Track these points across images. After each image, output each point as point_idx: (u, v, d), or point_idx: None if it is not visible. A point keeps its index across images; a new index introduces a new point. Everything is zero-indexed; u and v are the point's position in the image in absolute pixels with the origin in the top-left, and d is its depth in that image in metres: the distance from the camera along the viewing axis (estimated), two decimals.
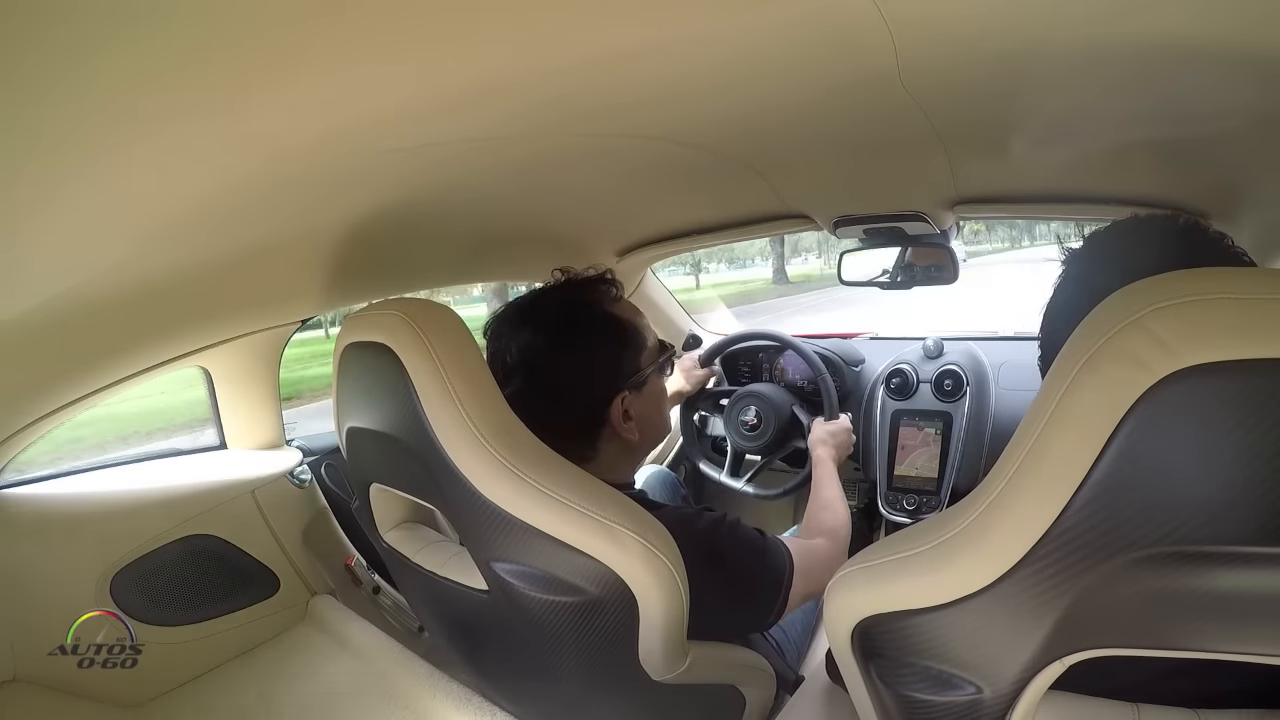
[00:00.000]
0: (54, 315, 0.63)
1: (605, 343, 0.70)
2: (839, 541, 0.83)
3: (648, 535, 0.54)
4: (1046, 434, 0.29)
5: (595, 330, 0.69)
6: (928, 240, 1.14)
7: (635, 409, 0.71)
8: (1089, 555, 0.29)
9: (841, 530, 0.86)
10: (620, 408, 0.69)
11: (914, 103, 0.58)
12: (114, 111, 0.39)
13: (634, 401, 0.70)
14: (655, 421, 0.75)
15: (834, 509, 0.90)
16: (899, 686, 0.37)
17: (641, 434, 0.72)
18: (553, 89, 0.52)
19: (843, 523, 0.87)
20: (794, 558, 0.70)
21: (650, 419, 0.74)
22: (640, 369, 0.71)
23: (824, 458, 1.05)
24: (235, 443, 1.09)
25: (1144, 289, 0.28)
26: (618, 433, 0.70)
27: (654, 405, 0.75)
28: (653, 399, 0.74)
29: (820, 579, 0.73)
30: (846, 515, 0.90)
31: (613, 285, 0.74)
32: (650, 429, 0.74)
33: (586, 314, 0.70)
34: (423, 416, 0.55)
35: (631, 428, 0.70)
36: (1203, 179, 0.79)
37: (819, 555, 0.76)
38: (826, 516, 0.88)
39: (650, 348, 0.74)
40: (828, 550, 0.79)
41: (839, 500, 0.92)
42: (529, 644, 0.61)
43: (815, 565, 0.73)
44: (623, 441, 0.71)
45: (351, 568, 1.09)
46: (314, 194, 0.65)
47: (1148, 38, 0.45)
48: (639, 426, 0.71)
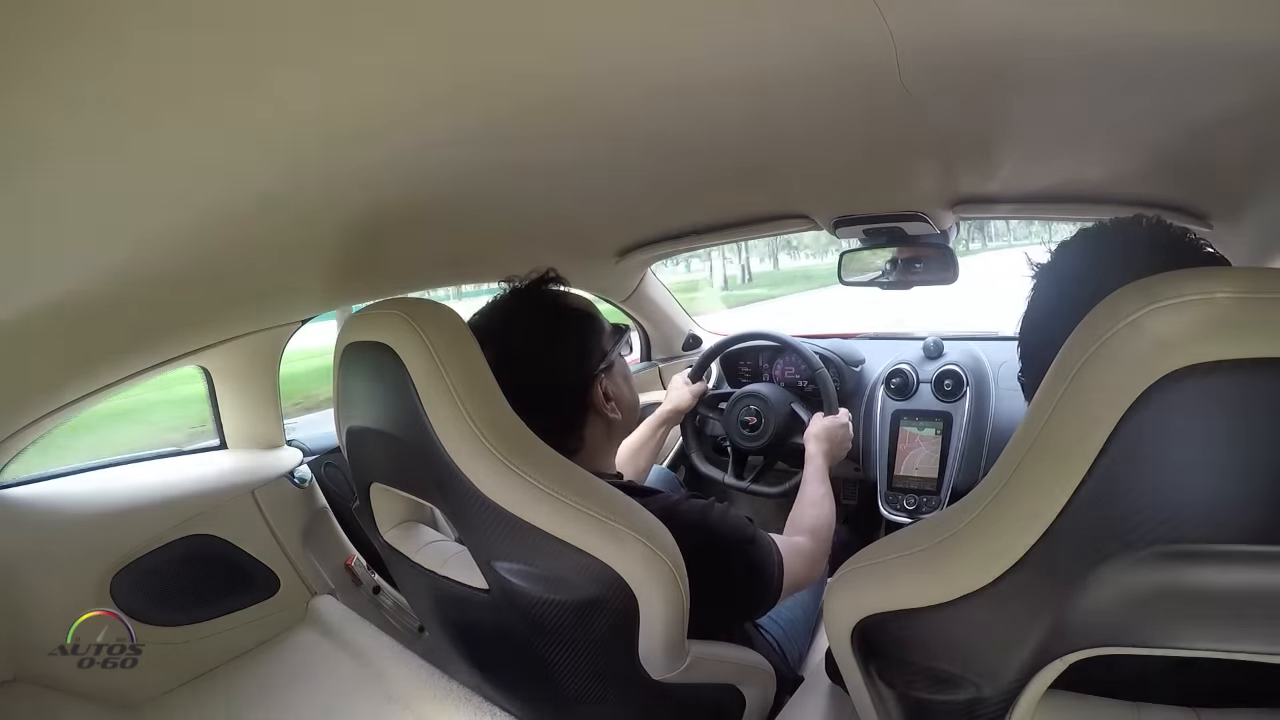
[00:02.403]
0: (54, 315, 0.63)
1: (573, 333, 0.73)
2: (820, 541, 0.85)
3: (648, 534, 0.54)
4: (1046, 433, 0.29)
5: (565, 323, 0.73)
6: (928, 240, 1.15)
7: (611, 389, 0.74)
8: (1088, 554, 0.29)
9: (823, 529, 0.87)
10: (600, 390, 0.72)
11: (914, 103, 0.58)
12: (114, 111, 0.39)
13: (609, 382, 0.74)
14: (629, 399, 0.79)
15: (818, 507, 0.91)
16: (899, 686, 0.37)
17: (622, 412, 0.75)
18: (553, 89, 0.52)
19: (825, 521, 0.88)
20: (781, 557, 0.71)
21: (625, 397, 0.77)
22: (607, 350, 0.75)
23: (815, 454, 1.05)
24: (235, 443, 1.09)
25: (1143, 289, 0.28)
26: (602, 413, 0.73)
27: (625, 383, 0.79)
28: (623, 376, 0.78)
29: (800, 573, 0.76)
30: (830, 513, 0.91)
31: (560, 280, 0.77)
32: (627, 406, 0.78)
33: (554, 310, 0.73)
34: (423, 416, 0.56)
35: (613, 407, 0.74)
36: (1203, 179, 0.79)
37: (801, 551, 0.78)
38: (810, 514, 0.89)
39: (609, 330, 0.77)
40: (810, 548, 0.81)
41: (824, 498, 0.93)
42: (529, 643, 0.61)
43: (796, 561, 0.75)
44: (605, 422, 0.74)
45: (351, 568, 1.09)
46: (314, 194, 0.65)
47: (1148, 38, 0.45)
48: (619, 405, 0.75)
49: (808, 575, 0.78)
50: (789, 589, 0.72)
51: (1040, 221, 1.32)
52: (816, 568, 0.81)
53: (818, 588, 1.06)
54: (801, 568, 0.77)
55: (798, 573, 0.75)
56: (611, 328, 0.78)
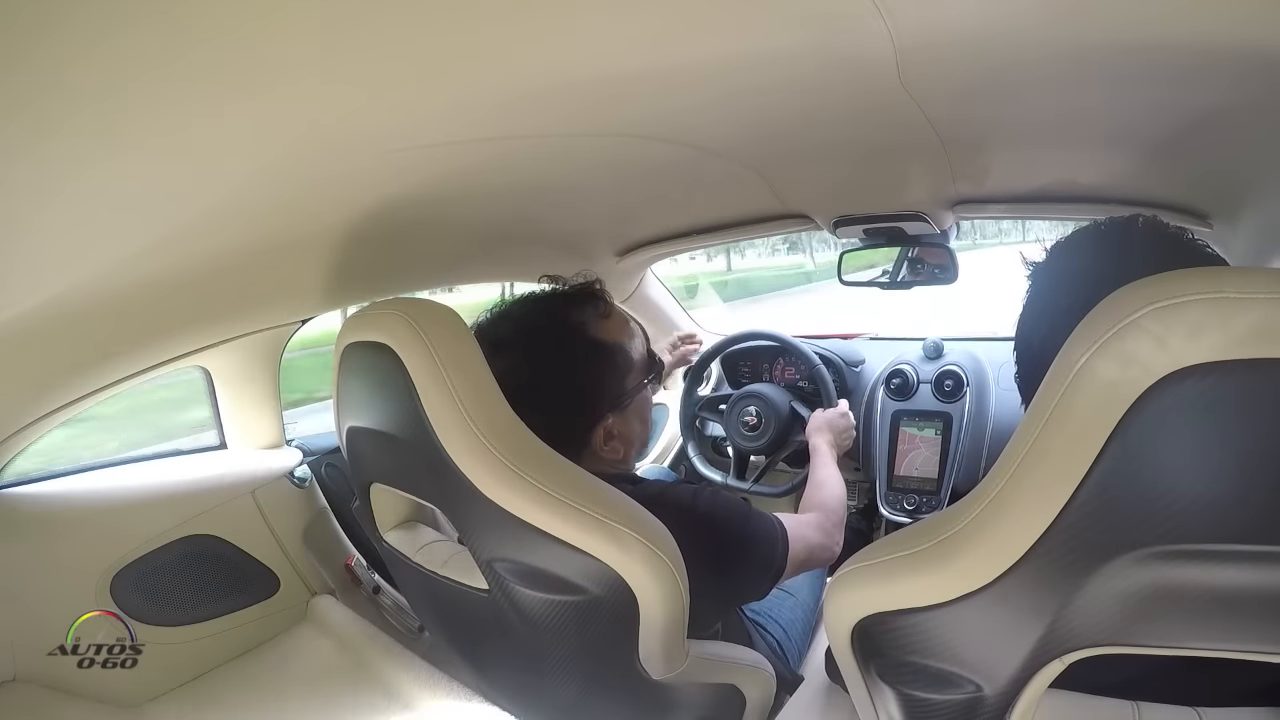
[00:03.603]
0: (54, 315, 0.63)
1: (591, 369, 0.68)
2: (830, 513, 0.83)
3: (648, 534, 0.54)
4: (1046, 433, 0.29)
5: (581, 356, 0.67)
6: (928, 240, 1.15)
7: (619, 429, 0.70)
8: (1088, 554, 0.29)
9: (833, 502, 0.86)
10: (602, 433, 0.68)
11: (914, 103, 0.58)
12: (115, 112, 0.39)
13: (618, 422, 0.70)
14: (638, 436, 0.75)
15: (827, 486, 0.90)
16: (899, 685, 0.37)
17: (624, 452, 0.71)
18: (553, 90, 0.52)
19: (835, 496, 0.87)
20: (785, 525, 0.70)
21: (634, 435, 0.73)
22: (626, 390, 0.70)
23: (819, 445, 1.04)
24: (235, 443, 1.09)
25: (1142, 288, 0.28)
26: (598, 454, 0.69)
27: (638, 419, 0.74)
28: (637, 414, 0.73)
29: (813, 541, 0.74)
30: (839, 489, 0.90)
31: (601, 299, 0.71)
32: (633, 444, 0.73)
33: (571, 338, 0.67)
34: (423, 416, 0.56)
35: (614, 447, 0.70)
36: (1203, 179, 0.79)
37: (809, 522, 0.77)
38: (818, 493, 0.88)
39: (638, 365, 0.72)
40: (819, 519, 0.79)
41: (833, 479, 0.92)
42: (529, 643, 0.61)
43: (807, 531, 0.74)
44: (604, 461, 0.70)
45: (351, 568, 1.09)
46: (314, 194, 0.65)
47: (1148, 38, 0.45)
48: (621, 444, 0.71)
49: (822, 543, 0.76)
50: (802, 558, 0.71)
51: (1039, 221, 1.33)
52: (831, 538, 0.79)
53: (818, 588, 1.06)
54: (815, 536, 0.75)
55: (810, 541, 0.73)
56: (644, 362, 0.73)
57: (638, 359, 0.72)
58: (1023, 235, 7.03)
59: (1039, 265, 0.50)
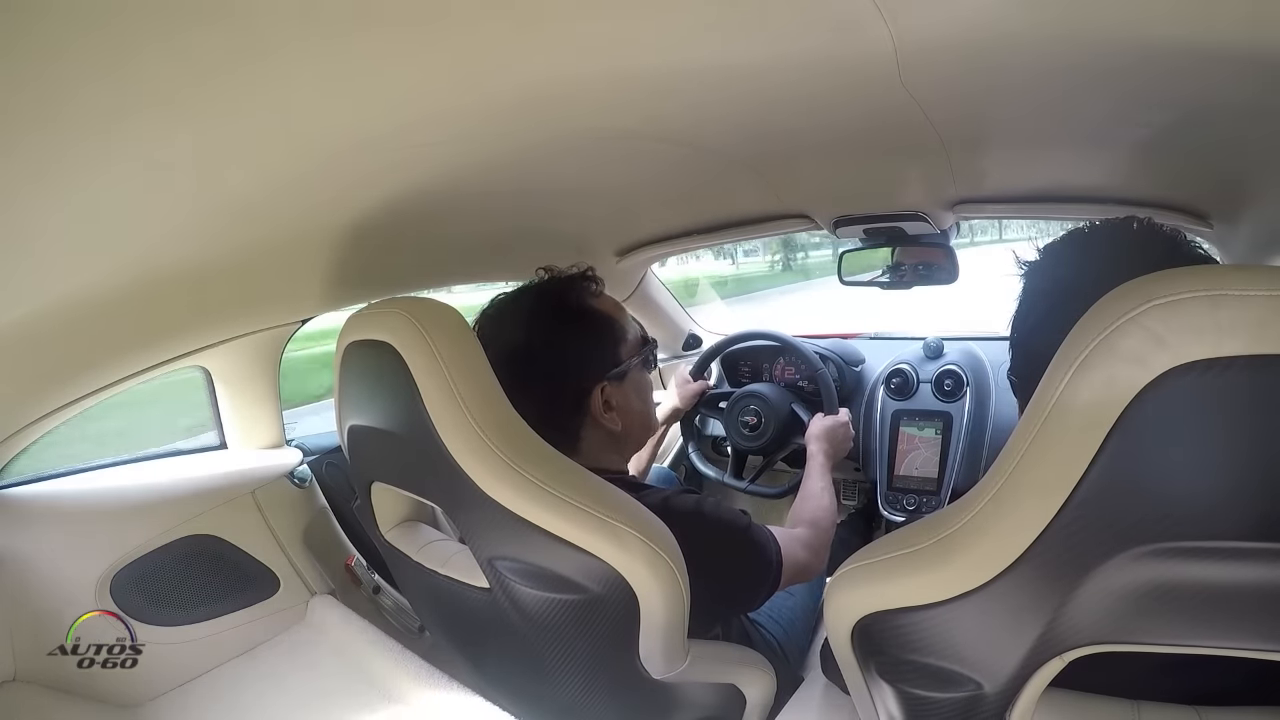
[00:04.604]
0: (54, 315, 0.63)
1: (584, 334, 0.71)
2: (820, 530, 0.85)
3: (650, 534, 0.54)
4: (1045, 431, 0.30)
5: (573, 323, 0.71)
6: (928, 240, 1.15)
7: (616, 399, 0.72)
8: (1088, 551, 0.29)
9: (823, 518, 0.87)
10: (600, 397, 0.71)
11: (914, 103, 0.58)
12: (115, 113, 0.39)
13: (614, 392, 0.72)
14: (640, 412, 0.77)
15: (818, 499, 0.91)
16: (899, 683, 0.37)
17: (625, 424, 0.73)
18: (553, 90, 0.52)
19: (825, 511, 0.88)
20: (778, 540, 0.72)
21: (633, 409, 0.75)
22: (621, 360, 0.73)
23: (816, 453, 1.04)
24: (235, 443, 1.09)
25: (1142, 286, 0.28)
26: (599, 421, 0.71)
27: (637, 396, 0.76)
28: (635, 389, 0.76)
29: (801, 561, 0.76)
30: (831, 505, 0.91)
31: (593, 281, 0.75)
32: (634, 419, 0.76)
33: (565, 308, 0.71)
34: (425, 414, 0.56)
35: (613, 417, 0.72)
36: (1203, 179, 0.79)
37: (800, 540, 0.78)
38: (809, 507, 0.89)
39: (631, 341, 0.75)
40: (809, 537, 0.81)
41: (824, 492, 0.93)
42: (530, 642, 0.61)
43: (796, 549, 0.75)
44: (605, 431, 0.72)
45: (351, 568, 1.09)
46: (314, 194, 0.65)
47: (1149, 39, 0.45)
48: (621, 416, 0.73)
49: (809, 563, 0.78)
50: (790, 576, 0.73)
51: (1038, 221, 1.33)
52: (818, 557, 0.81)
53: (818, 587, 1.06)
54: (802, 555, 0.77)
55: (798, 560, 0.75)
56: (639, 338, 0.76)
57: (632, 335, 0.76)
58: (1024, 233, 7.02)
59: (1033, 264, 0.50)
